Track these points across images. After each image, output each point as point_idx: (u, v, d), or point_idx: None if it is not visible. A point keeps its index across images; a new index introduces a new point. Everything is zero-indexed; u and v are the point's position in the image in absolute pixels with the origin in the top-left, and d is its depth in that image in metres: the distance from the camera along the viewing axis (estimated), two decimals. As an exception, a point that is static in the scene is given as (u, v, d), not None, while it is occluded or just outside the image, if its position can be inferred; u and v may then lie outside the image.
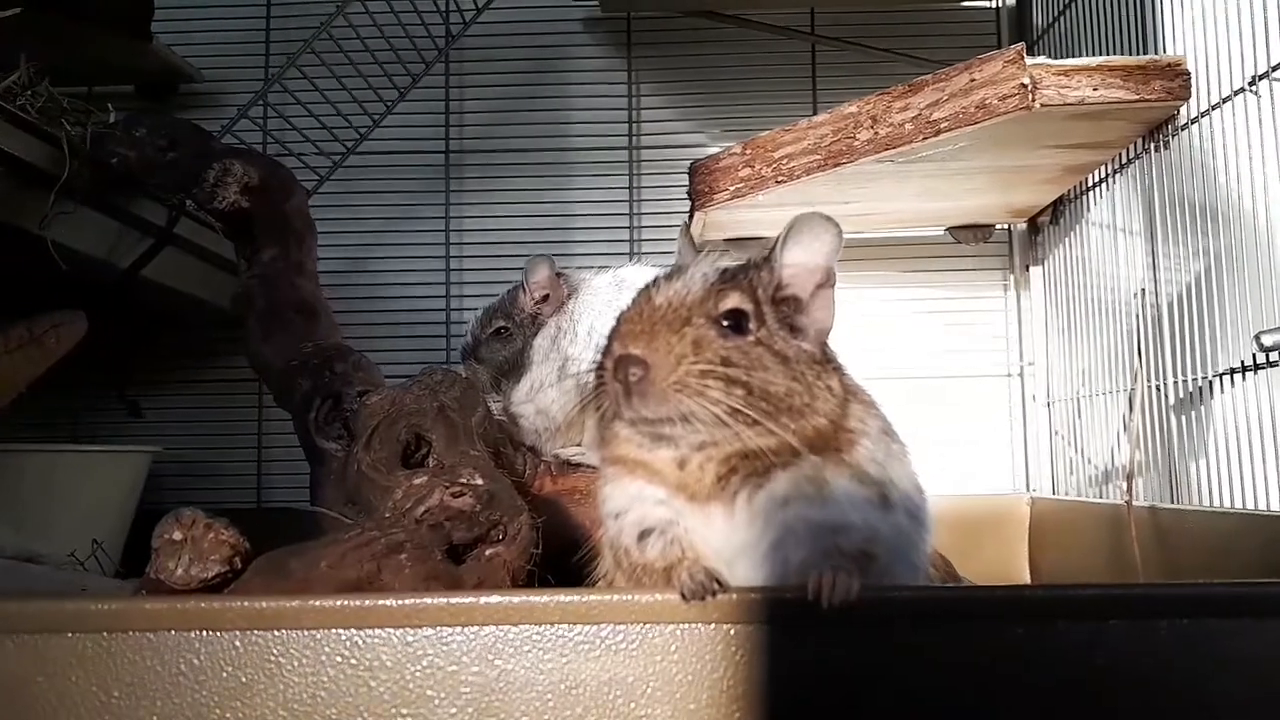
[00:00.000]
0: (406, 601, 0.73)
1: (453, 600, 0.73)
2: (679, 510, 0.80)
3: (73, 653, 0.73)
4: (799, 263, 0.84)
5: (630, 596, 0.73)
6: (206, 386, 2.16)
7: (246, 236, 1.57)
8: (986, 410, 2.08)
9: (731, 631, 0.72)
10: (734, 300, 0.80)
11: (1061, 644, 0.71)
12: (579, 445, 1.25)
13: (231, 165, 1.54)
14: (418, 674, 0.73)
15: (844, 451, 0.80)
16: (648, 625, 0.73)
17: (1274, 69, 1.41)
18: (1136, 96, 1.56)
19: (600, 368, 0.80)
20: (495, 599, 0.73)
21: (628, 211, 2.13)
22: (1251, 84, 1.44)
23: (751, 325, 0.80)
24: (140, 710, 0.72)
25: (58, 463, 1.68)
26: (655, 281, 0.83)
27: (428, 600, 0.73)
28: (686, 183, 1.95)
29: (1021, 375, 2.09)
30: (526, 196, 2.14)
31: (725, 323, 0.79)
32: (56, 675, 0.72)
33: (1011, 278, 2.11)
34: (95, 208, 1.59)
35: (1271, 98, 1.42)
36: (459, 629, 0.73)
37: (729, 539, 0.79)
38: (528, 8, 2.16)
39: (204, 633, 0.73)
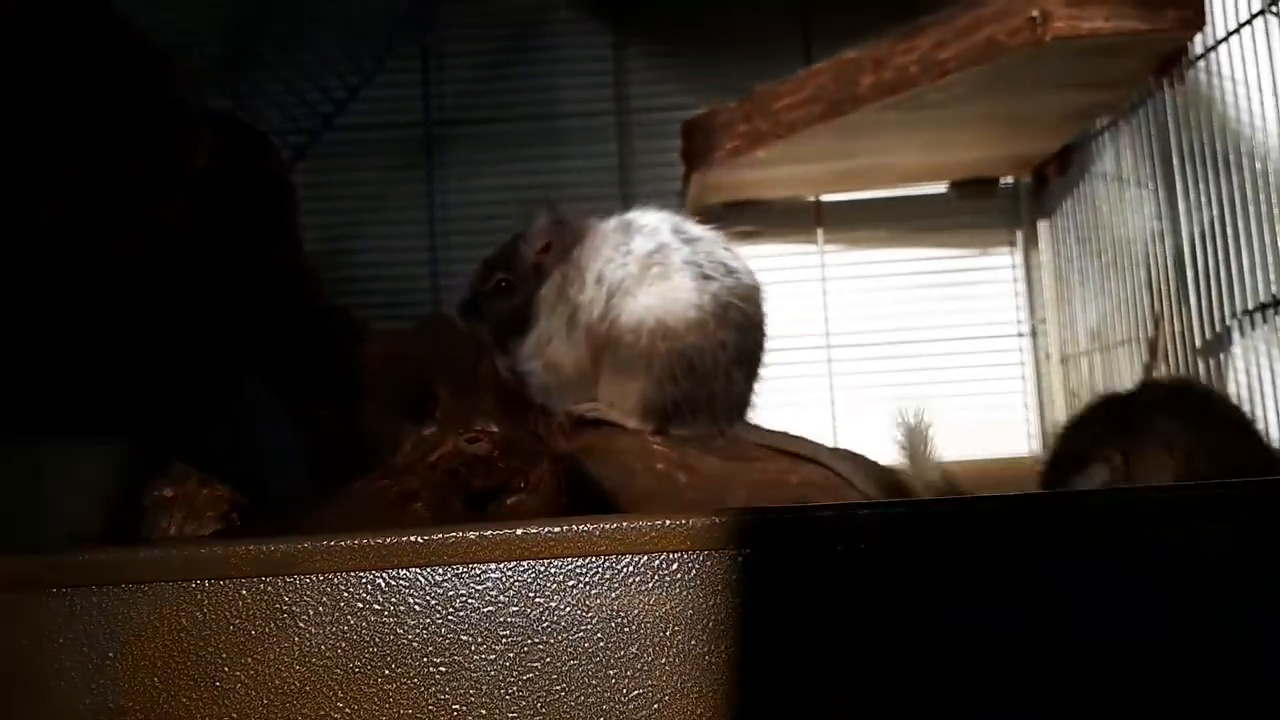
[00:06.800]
0: (435, 537, 0.65)
1: (487, 533, 0.65)
2: None
3: (60, 610, 0.64)
4: None
5: (685, 521, 0.65)
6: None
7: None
8: (997, 371, 2.02)
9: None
10: None
11: (1164, 548, 0.64)
12: (594, 402, 1.17)
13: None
14: (450, 617, 0.65)
15: None
16: (704, 552, 0.65)
17: (1295, -12, 1.36)
18: (1150, 26, 1.49)
19: None
20: (535, 529, 0.65)
21: (617, 180, 2.05)
22: (1273, 4, 1.39)
23: None
24: (140, 670, 0.64)
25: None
26: None
27: (458, 534, 0.65)
28: (679, 147, 1.89)
29: (1034, 333, 2.02)
30: (512, 169, 2.05)
31: None
32: (45, 635, 0.64)
33: (1019, 233, 2.05)
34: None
35: (1293, 19, 1.37)
36: (494, 565, 0.65)
37: None
38: (507, -32, 2.06)
39: (205, 582, 0.65)
